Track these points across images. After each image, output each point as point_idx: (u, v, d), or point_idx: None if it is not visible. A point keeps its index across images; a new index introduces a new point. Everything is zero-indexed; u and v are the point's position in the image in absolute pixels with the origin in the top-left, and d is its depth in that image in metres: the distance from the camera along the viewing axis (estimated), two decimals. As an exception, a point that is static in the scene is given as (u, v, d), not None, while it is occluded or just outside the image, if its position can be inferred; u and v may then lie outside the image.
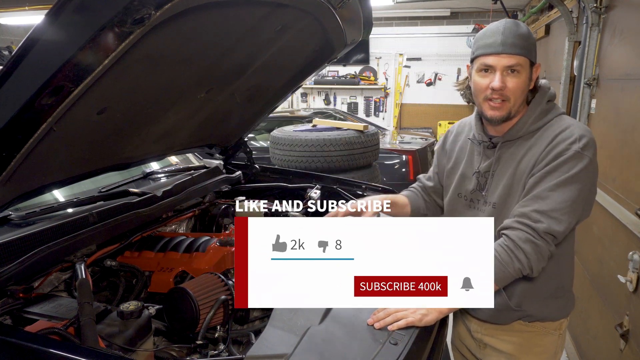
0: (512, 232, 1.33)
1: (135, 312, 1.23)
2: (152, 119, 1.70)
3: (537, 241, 1.30)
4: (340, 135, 3.61)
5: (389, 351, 1.15)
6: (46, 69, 0.98)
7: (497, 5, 5.10)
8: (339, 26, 1.80)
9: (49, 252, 1.37)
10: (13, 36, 7.32)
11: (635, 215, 2.09)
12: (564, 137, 1.34)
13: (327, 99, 9.29)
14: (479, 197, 1.52)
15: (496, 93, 1.36)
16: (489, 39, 1.36)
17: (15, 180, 1.24)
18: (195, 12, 1.16)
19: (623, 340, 2.16)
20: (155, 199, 1.85)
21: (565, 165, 1.31)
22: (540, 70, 1.47)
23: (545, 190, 1.32)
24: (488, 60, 1.35)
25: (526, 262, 1.30)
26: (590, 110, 3.02)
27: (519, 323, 1.51)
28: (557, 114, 1.42)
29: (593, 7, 2.89)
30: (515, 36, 1.33)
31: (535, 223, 1.30)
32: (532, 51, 1.37)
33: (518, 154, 1.42)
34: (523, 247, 1.30)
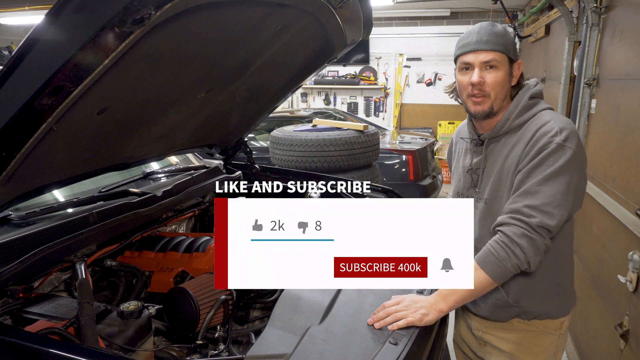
0: (506, 228, 1.34)
1: (135, 312, 1.23)
2: (152, 119, 1.70)
3: (532, 235, 1.31)
4: (340, 135, 3.61)
5: (389, 351, 1.15)
6: (46, 69, 0.98)
7: (497, 5, 5.09)
8: (339, 26, 1.80)
9: (49, 252, 1.37)
10: (13, 36, 7.32)
11: (635, 215, 2.09)
12: (545, 131, 1.35)
13: (327, 99, 9.29)
14: (473, 194, 1.56)
15: (476, 88, 1.42)
16: (466, 40, 1.44)
17: (15, 180, 1.24)
18: (195, 12, 1.16)
19: (623, 340, 2.16)
20: (155, 199, 1.85)
21: (550, 159, 1.32)
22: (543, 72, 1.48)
23: (534, 185, 1.33)
24: (466, 58, 1.42)
25: (523, 257, 1.31)
26: (590, 110, 3.02)
27: (519, 321, 1.51)
28: (540, 110, 1.44)
29: (593, 7, 2.89)
30: (489, 34, 1.40)
31: (528, 218, 1.32)
32: (508, 48, 1.41)
33: (504, 150, 1.45)
34: (519, 242, 1.31)
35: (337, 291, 1.39)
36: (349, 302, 1.36)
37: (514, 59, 1.44)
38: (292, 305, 1.29)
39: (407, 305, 1.31)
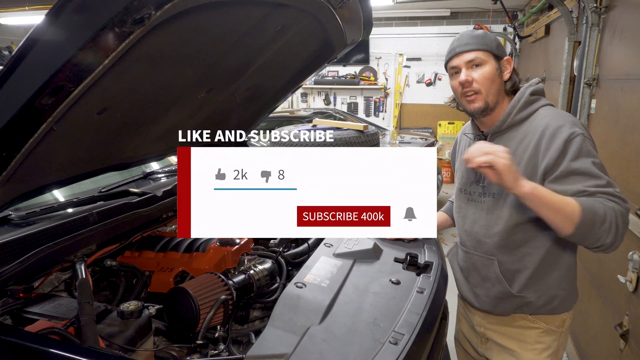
0: (612, 204, 1.30)
1: (135, 312, 1.23)
2: (152, 119, 1.70)
3: (627, 220, 1.33)
4: (340, 136, 3.61)
5: (389, 351, 1.15)
6: (46, 69, 0.98)
7: (497, 5, 5.09)
8: (339, 26, 1.80)
9: (49, 252, 1.37)
10: (13, 36, 7.32)
11: (635, 215, 2.09)
12: (557, 125, 1.38)
13: (327, 99, 9.29)
14: (475, 189, 1.57)
15: (466, 87, 1.48)
16: (450, 47, 1.53)
17: (15, 180, 1.24)
18: (195, 12, 1.16)
19: (623, 340, 2.16)
20: (155, 199, 1.85)
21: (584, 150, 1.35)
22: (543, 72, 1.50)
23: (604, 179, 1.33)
24: (453, 63, 1.50)
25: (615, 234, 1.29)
26: (590, 110, 3.02)
27: (521, 317, 1.53)
28: (542, 105, 1.49)
29: (593, 7, 2.89)
30: (469, 37, 1.49)
31: (625, 203, 1.33)
32: (490, 46, 1.47)
33: (510, 144, 1.47)
34: (619, 222, 1.29)
35: (337, 291, 1.39)
36: (349, 302, 1.36)
37: (499, 55, 1.49)
38: (292, 305, 1.29)
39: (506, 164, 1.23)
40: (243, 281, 1.53)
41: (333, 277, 1.46)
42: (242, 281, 1.53)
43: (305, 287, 1.38)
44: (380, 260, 1.65)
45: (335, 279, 1.46)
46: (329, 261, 1.56)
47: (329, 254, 1.61)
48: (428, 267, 1.65)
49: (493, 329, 1.60)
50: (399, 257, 1.70)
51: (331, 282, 1.43)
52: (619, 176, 2.39)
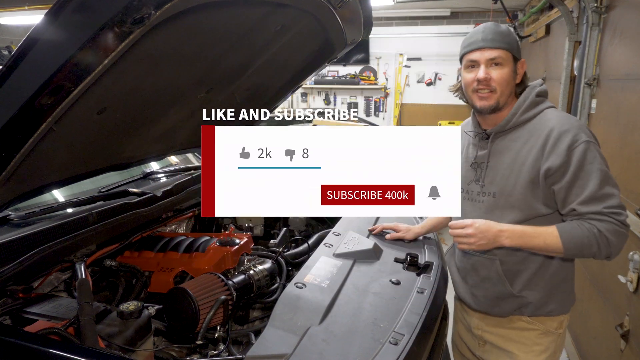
0: (600, 223, 1.34)
1: (135, 312, 1.23)
2: (152, 119, 1.70)
3: (623, 230, 1.34)
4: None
5: (389, 351, 1.15)
6: (46, 69, 0.98)
7: (497, 5, 5.08)
8: (339, 26, 1.80)
9: (49, 252, 1.37)
10: (13, 36, 7.31)
11: (635, 215, 2.09)
12: (563, 129, 1.38)
13: (327, 99, 9.28)
14: (474, 188, 1.56)
15: (482, 84, 1.45)
16: (472, 39, 1.48)
17: (15, 180, 1.23)
18: (195, 12, 1.16)
19: (623, 340, 2.16)
20: (155, 199, 1.85)
21: (587, 158, 1.35)
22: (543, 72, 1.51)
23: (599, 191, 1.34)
24: (472, 56, 1.46)
25: (607, 251, 1.33)
26: (591, 110, 3.02)
27: (519, 319, 1.52)
28: (546, 107, 1.48)
29: (593, 7, 2.89)
30: (494, 33, 1.44)
31: (617, 216, 1.34)
32: (513, 46, 1.45)
33: (514, 145, 1.47)
34: (611, 239, 1.32)
35: (337, 291, 1.39)
36: (349, 302, 1.36)
37: (518, 57, 1.47)
38: (292, 305, 1.29)
39: (470, 234, 1.34)
40: (243, 281, 1.53)
41: (333, 277, 1.46)
42: (242, 281, 1.53)
43: (305, 287, 1.37)
44: (380, 261, 1.65)
45: (335, 279, 1.45)
46: (329, 261, 1.56)
47: (329, 254, 1.61)
48: (428, 267, 1.64)
49: (491, 331, 1.59)
50: (399, 257, 1.69)
51: (331, 282, 1.43)
52: (619, 176, 2.38)
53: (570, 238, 1.35)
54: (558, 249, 1.36)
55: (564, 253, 1.37)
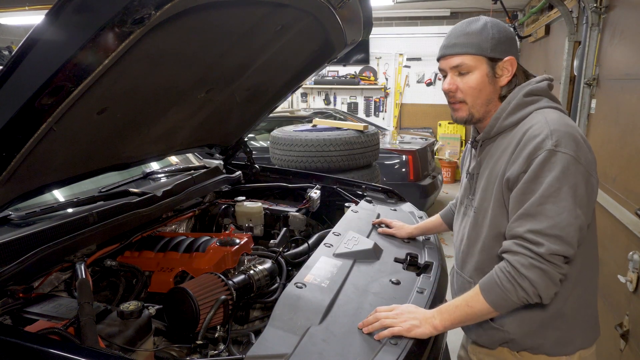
0: (512, 256, 1.16)
1: (135, 312, 1.23)
2: (152, 119, 1.70)
3: (542, 266, 1.12)
4: (340, 135, 3.61)
5: (389, 351, 1.15)
6: (46, 69, 0.98)
7: (497, 5, 5.09)
8: (339, 26, 1.80)
9: (49, 252, 1.37)
10: (13, 36, 7.31)
11: (635, 215, 2.09)
12: (533, 134, 1.19)
13: (327, 99, 9.28)
14: (466, 201, 1.44)
15: (449, 95, 1.33)
16: (441, 44, 1.34)
17: (15, 180, 1.24)
18: (195, 12, 1.16)
19: (623, 340, 2.16)
20: (155, 199, 1.85)
21: (545, 169, 1.14)
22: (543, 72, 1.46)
23: (534, 205, 1.15)
24: (440, 65, 1.34)
25: (532, 290, 1.13)
26: (590, 110, 3.02)
27: (509, 352, 1.32)
28: (537, 108, 1.26)
29: (593, 7, 2.89)
30: (459, 36, 1.28)
31: (535, 246, 1.13)
32: (483, 47, 1.26)
33: (496, 153, 1.30)
34: (527, 275, 1.13)
35: (337, 291, 1.39)
36: (349, 302, 1.36)
37: (496, 57, 1.27)
38: (292, 305, 1.29)
39: (398, 314, 1.23)
40: (243, 281, 1.53)
41: (333, 277, 1.46)
42: (242, 281, 1.53)
43: (305, 287, 1.37)
44: (380, 260, 1.65)
45: (335, 279, 1.45)
46: (329, 261, 1.56)
47: (329, 254, 1.61)
48: (428, 267, 1.64)
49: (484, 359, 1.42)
50: (399, 257, 1.69)
51: (331, 282, 1.43)
52: (619, 176, 2.39)
53: (490, 287, 1.17)
54: (486, 308, 1.18)
55: (494, 309, 1.17)
